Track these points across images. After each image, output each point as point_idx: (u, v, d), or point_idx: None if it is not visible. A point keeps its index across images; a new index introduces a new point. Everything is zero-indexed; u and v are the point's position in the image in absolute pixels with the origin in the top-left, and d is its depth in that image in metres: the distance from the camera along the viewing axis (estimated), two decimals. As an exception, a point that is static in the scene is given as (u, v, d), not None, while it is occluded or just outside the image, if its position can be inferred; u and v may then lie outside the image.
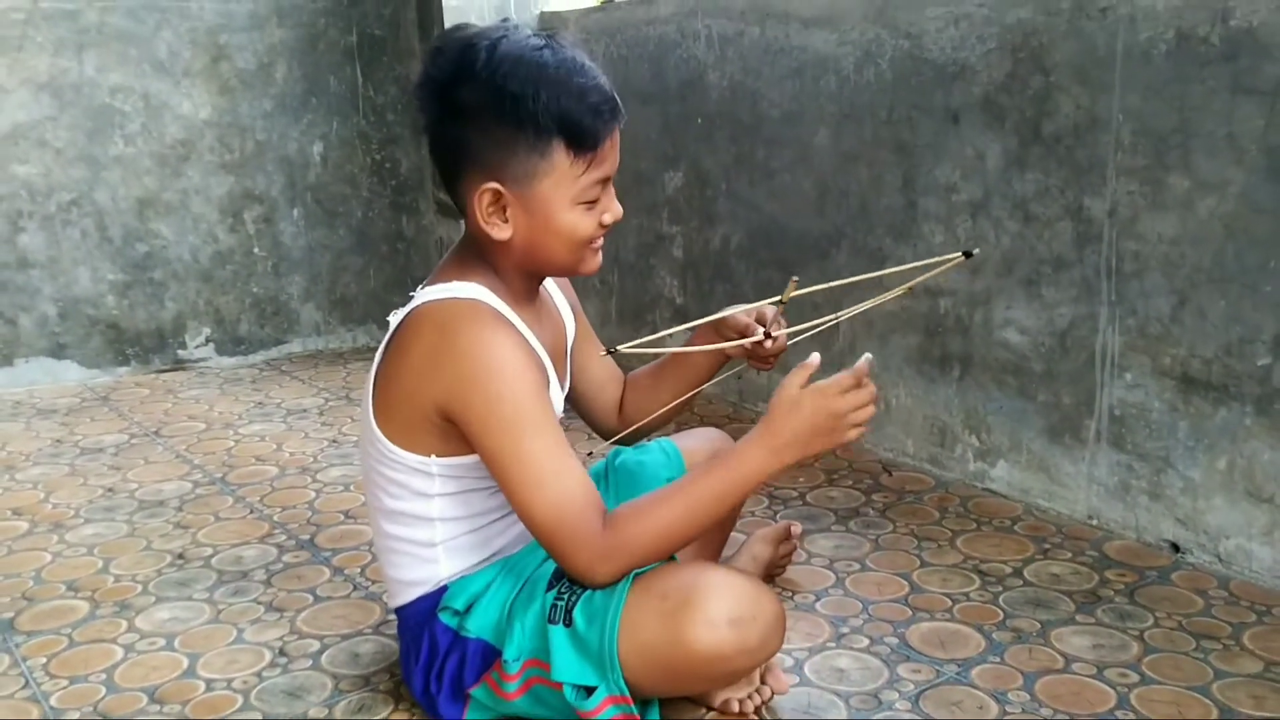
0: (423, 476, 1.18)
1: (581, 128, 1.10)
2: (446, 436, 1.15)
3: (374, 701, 1.28)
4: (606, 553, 1.10)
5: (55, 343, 2.81)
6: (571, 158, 1.11)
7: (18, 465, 2.18)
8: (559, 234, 1.15)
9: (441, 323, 1.13)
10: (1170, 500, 1.62)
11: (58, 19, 2.69)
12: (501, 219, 1.14)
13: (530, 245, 1.16)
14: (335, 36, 3.05)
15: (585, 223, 1.16)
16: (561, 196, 1.13)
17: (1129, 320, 1.63)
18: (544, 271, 1.22)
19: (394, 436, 1.17)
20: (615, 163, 1.16)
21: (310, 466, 2.13)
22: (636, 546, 1.11)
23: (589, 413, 1.45)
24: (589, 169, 1.13)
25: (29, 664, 1.40)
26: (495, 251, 1.18)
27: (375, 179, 3.16)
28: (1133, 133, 1.59)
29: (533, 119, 1.09)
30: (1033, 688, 1.27)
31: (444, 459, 1.17)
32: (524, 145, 1.10)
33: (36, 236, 2.75)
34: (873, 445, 2.10)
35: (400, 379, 1.16)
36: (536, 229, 1.15)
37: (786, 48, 2.15)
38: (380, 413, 1.18)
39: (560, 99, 1.09)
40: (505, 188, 1.12)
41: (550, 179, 1.12)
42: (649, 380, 1.44)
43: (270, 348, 3.08)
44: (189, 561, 1.70)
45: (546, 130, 1.10)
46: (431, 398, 1.12)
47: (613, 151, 1.15)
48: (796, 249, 2.20)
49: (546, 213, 1.14)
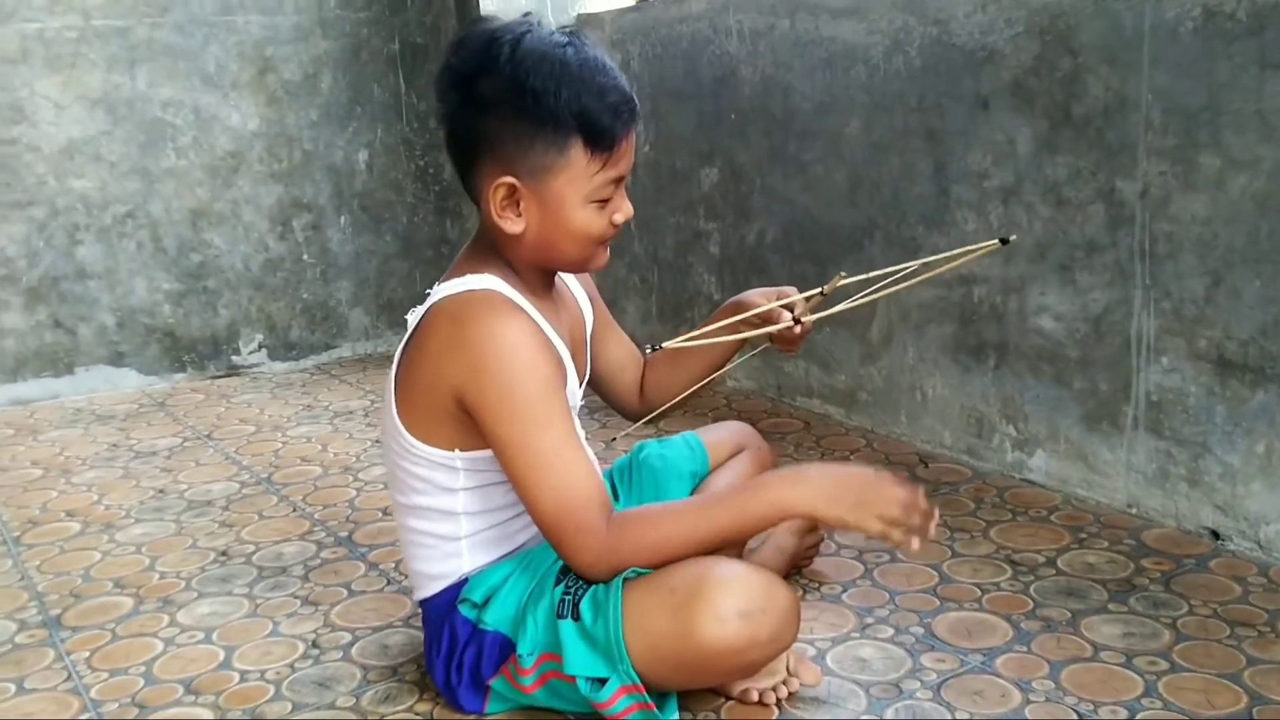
0: (446, 471, 1.20)
1: (600, 126, 1.12)
2: (467, 429, 1.16)
3: (400, 691, 1.31)
4: (608, 551, 1.11)
5: (114, 351, 2.89)
6: (589, 156, 1.13)
7: (74, 469, 2.25)
8: (570, 231, 1.16)
9: (456, 314, 1.15)
10: (1209, 486, 1.58)
11: (109, 36, 2.77)
12: (515, 213, 1.16)
13: (541, 241, 1.17)
14: (378, 45, 3.10)
15: (597, 221, 1.17)
16: (575, 194, 1.14)
17: (1163, 303, 1.60)
18: (552, 266, 1.24)
19: (417, 431, 1.19)
20: (630, 163, 1.17)
21: (353, 466, 2.17)
22: (639, 551, 1.12)
23: (610, 395, 1.46)
24: (604, 168, 1.14)
25: (72, 658, 1.44)
26: (507, 245, 1.20)
27: (419, 185, 3.21)
28: (1162, 112, 1.56)
29: (553, 115, 1.10)
30: (1058, 676, 1.25)
31: (467, 453, 1.18)
32: (542, 141, 1.12)
33: (94, 248, 2.83)
34: (909, 437, 2.08)
35: (419, 373, 1.18)
36: (548, 225, 1.16)
37: (817, 39, 2.14)
38: (402, 408, 1.20)
39: (581, 97, 1.10)
40: (520, 182, 1.14)
41: (565, 175, 1.13)
42: (668, 363, 1.44)
43: (320, 352, 3.14)
44: (231, 558, 1.74)
45: (566, 127, 1.11)
46: (449, 389, 1.14)
47: (628, 152, 1.16)
48: (830, 241, 2.19)
49: (559, 209, 1.15)
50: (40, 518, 1.98)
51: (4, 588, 1.68)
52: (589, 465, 1.14)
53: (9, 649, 1.48)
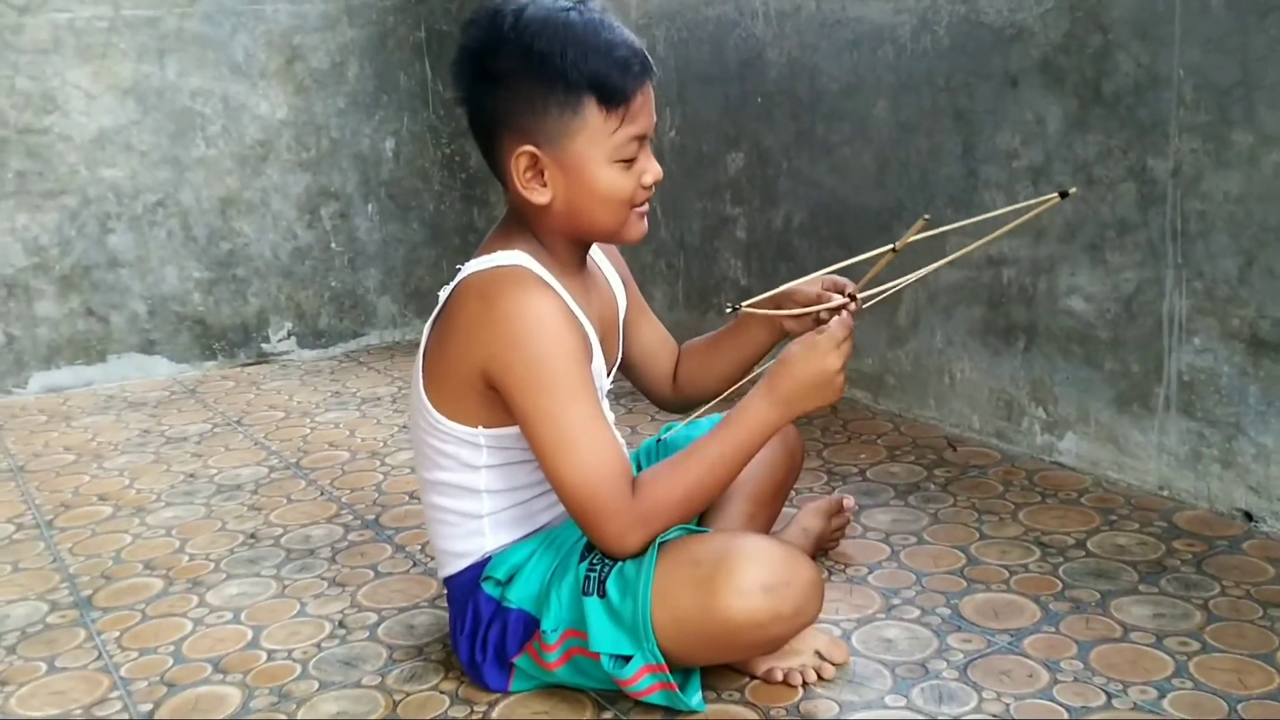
0: (470, 448, 1.20)
1: (611, 81, 1.11)
2: (492, 406, 1.16)
3: (425, 670, 1.31)
4: (635, 521, 1.12)
5: (145, 339, 2.92)
6: (604, 113, 1.12)
7: (106, 454, 2.27)
8: (597, 194, 1.15)
9: (484, 290, 1.15)
10: (1242, 468, 1.56)
11: (139, 26, 2.79)
12: (540, 183, 1.15)
13: (570, 208, 1.17)
14: (404, 33, 3.10)
15: (623, 181, 1.15)
16: (597, 154, 1.13)
17: (1195, 283, 1.58)
18: (587, 237, 1.22)
19: (442, 408, 1.19)
20: (650, 121, 1.16)
21: (380, 451, 2.18)
22: (662, 511, 1.13)
23: (641, 380, 1.45)
24: (622, 124, 1.13)
25: (103, 637, 1.46)
26: (537, 219, 1.19)
27: (446, 172, 3.22)
28: (1194, 88, 1.53)
29: (562, 76, 1.10)
30: (1087, 657, 1.24)
31: (491, 430, 1.18)
32: (555, 104, 1.11)
33: (125, 237, 2.86)
34: (938, 420, 2.07)
35: (446, 349, 1.18)
36: (575, 190, 1.15)
37: (843, 19, 2.12)
38: (429, 384, 1.20)
39: (588, 55, 1.10)
40: (540, 150, 1.13)
41: (584, 136, 1.12)
42: (703, 353, 1.43)
43: (349, 340, 3.16)
44: (260, 541, 1.75)
45: (577, 86, 1.10)
46: (475, 364, 1.14)
47: (645, 108, 1.15)
48: (857, 224, 2.18)
49: (583, 172, 1.14)
50: (73, 501, 2.00)
51: (37, 570, 1.70)
52: (614, 440, 1.14)
53: (41, 629, 1.50)
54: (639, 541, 1.12)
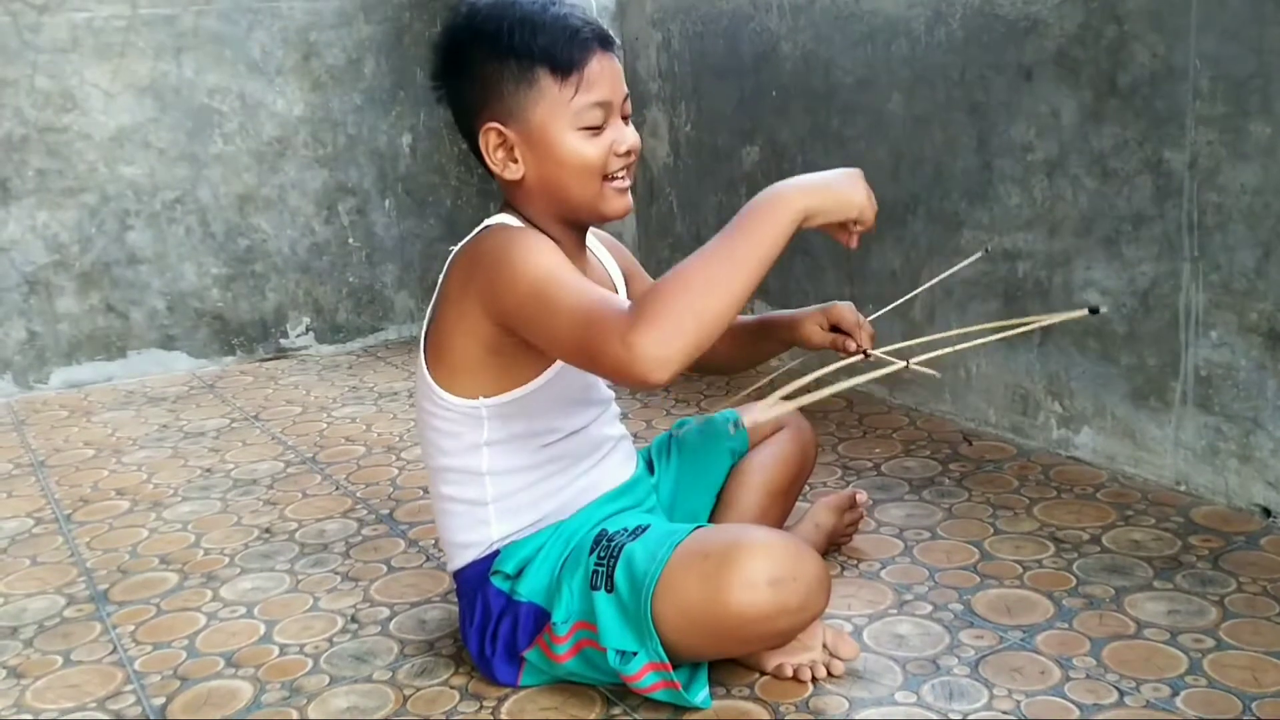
0: (473, 422, 1.20)
1: (558, 50, 1.13)
2: (492, 364, 1.17)
3: (436, 665, 1.31)
4: (634, 323, 0.99)
5: (165, 335, 2.94)
6: (559, 82, 1.13)
7: (125, 449, 2.29)
8: (565, 163, 1.16)
9: (473, 245, 1.18)
10: (1261, 463, 1.55)
11: (156, 24, 2.81)
12: (511, 159, 1.17)
13: (543, 181, 1.17)
14: (420, 29, 3.11)
15: (590, 149, 1.15)
16: (558, 123, 1.14)
17: (1212, 276, 1.56)
18: (567, 213, 1.21)
19: (444, 382, 1.20)
20: (614, 90, 1.16)
21: (395, 446, 2.19)
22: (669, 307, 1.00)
23: None
24: (579, 92, 1.14)
25: (118, 631, 1.47)
26: (520, 199, 1.21)
27: (463, 168, 3.22)
28: (1210, 79, 1.52)
29: (512, 51, 1.13)
30: (1100, 653, 1.23)
31: (492, 400, 1.19)
32: (510, 78, 1.14)
33: (144, 234, 2.88)
34: (954, 415, 2.06)
35: (444, 313, 1.19)
36: (543, 162, 1.16)
37: (857, 12, 2.11)
38: (431, 361, 1.22)
39: (535, 29, 1.13)
40: (505, 126, 1.15)
41: (542, 106, 1.14)
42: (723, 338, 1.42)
43: (367, 335, 3.17)
44: (274, 535, 1.76)
45: (527, 58, 1.13)
46: (471, 305, 1.14)
47: (605, 77, 1.15)
48: (873, 218, 2.16)
49: (547, 142, 1.15)
50: (91, 496, 2.02)
51: (55, 564, 1.72)
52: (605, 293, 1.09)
53: (58, 622, 1.51)
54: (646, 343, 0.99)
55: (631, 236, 2.99)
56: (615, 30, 2.87)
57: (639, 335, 0.99)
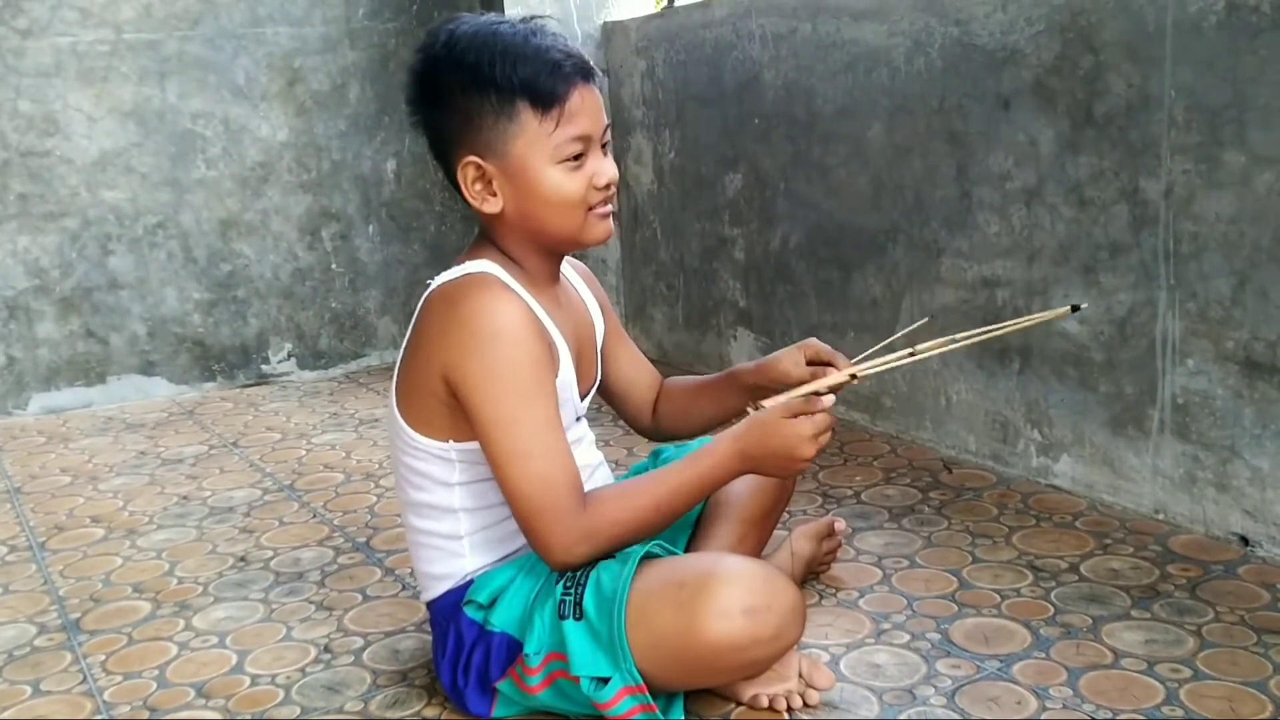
0: (443, 464, 1.20)
1: (540, 83, 1.12)
2: (457, 418, 1.16)
3: (409, 696, 1.30)
4: (581, 536, 1.12)
5: (145, 360, 2.92)
6: (539, 116, 1.13)
7: (101, 476, 2.27)
8: (544, 197, 1.16)
9: (449, 294, 1.16)
10: (1238, 491, 1.55)
11: (140, 49, 2.81)
12: (489, 192, 1.17)
13: (522, 215, 1.18)
14: (405, 56, 3.11)
15: (570, 183, 1.16)
16: (538, 156, 1.14)
17: (1189, 304, 1.57)
18: (547, 243, 1.21)
19: (413, 423, 1.20)
20: (595, 122, 1.16)
21: (374, 473, 2.17)
22: (609, 529, 1.14)
23: (622, 408, 1.45)
24: (559, 125, 1.14)
25: (88, 660, 1.45)
26: (499, 231, 1.21)
27: (447, 194, 3.22)
28: (1186, 109, 1.53)
29: (493, 83, 1.12)
30: (1077, 683, 1.22)
31: (461, 444, 1.18)
32: (490, 112, 1.13)
33: (125, 259, 2.87)
34: (934, 443, 2.05)
35: (414, 358, 1.19)
36: (523, 196, 1.16)
37: (838, 42, 2.13)
38: (401, 398, 1.21)
39: (516, 62, 1.12)
40: (484, 159, 1.15)
41: (522, 140, 1.14)
42: (683, 399, 1.44)
43: (349, 361, 3.16)
44: (249, 564, 1.75)
45: (508, 91, 1.12)
46: (439, 370, 1.14)
47: (586, 109, 1.15)
48: (854, 246, 2.17)
49: (527, 176, 1.15)
50: (66, 523, 2.00)
51: (27, 592, 1.70)
52: (567, 451, 1.14)
53: (28, 651, 1.49)
54: (582, 555, 1.14)
55: (615, 262, 2.99)
56: (599, 58, 2.88)
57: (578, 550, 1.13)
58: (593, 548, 1.13)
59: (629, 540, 1.15)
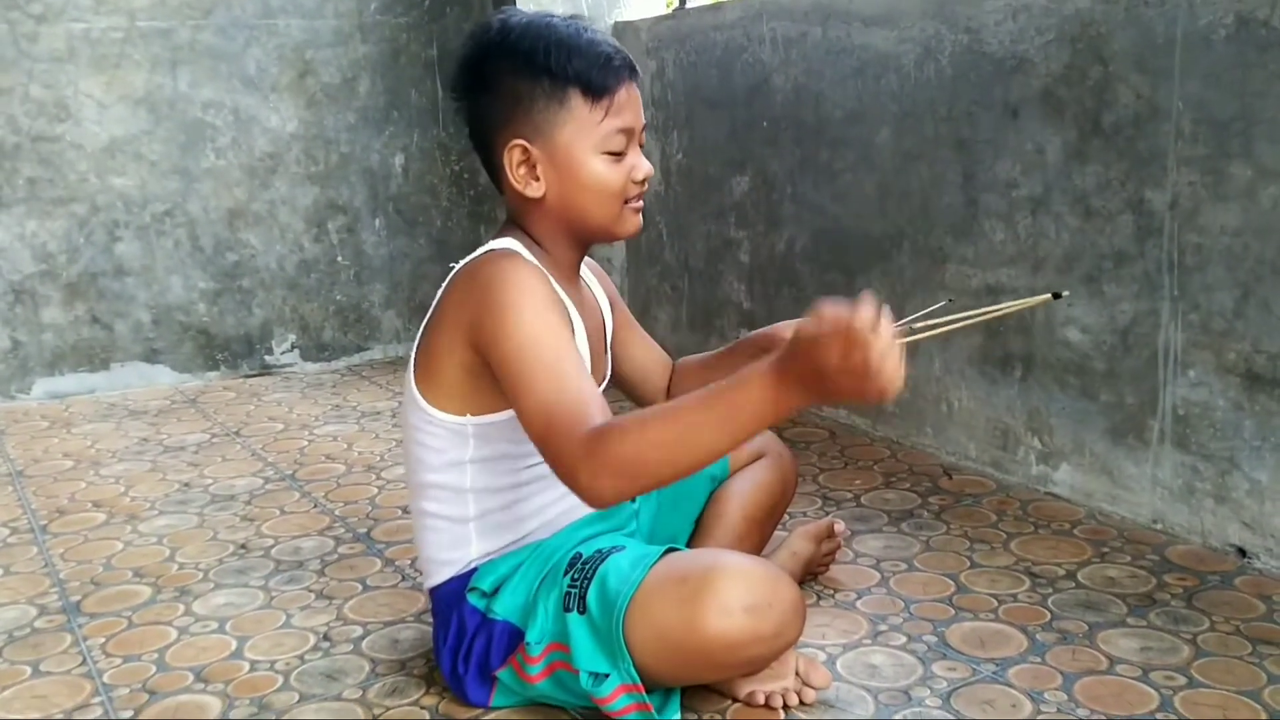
0: (458, 439, 1.21)
1: (594, 74, 1.15)
2: (478, 387, 1.17)
3: (407, 685, 1.31)
4: (588, 454, 1.00)
5: (149, 348, 2.93)
6: (589, 104, 1.16)
7: (104, 461, 2.28)
8: (587, 185, 1.18)
9: (474, 269, 1.18)
10: (1236, 503, 1.55)
11: (153, 37, 2.82)
12: (533, 176, 1.19)
13: (563, 201, 1.20)
14: (416, 50, 3.13)
15: (613, 174, 1.18)
16: (584, 144, 1.17)
17: (1191, 315, 1.57)
18: (582, 231, 1.23)
19: (431, 397, 1.21)
20: (637, 119, 1.19)
21: (376, 465, 2.18)
22: (625, 459, 0.99)
23: (637, 397, 1.46)
24: (607, 116, 1.16)
25: (88, 643, 1.46)
26: (534, 216, 1.22)
27: (454, 189, 3.23)
28: (1193, 121, 1.53)
29: (547, 70, 1.15)
30: (1071, 688, 1.23)
31: (479, 418, 1.19)
32: (542, 96, 1.16)
33: (132, 245, 2.88)
34: (935, 448, 2.06)
35: (436, 330, 1.20)
36: (566, 182, 1.18)
37: (849, 47, 2.13)
38: (420, 376, 1.22)
39: (570, 52, 1.15)
40: (531, 143, 1.17)
41: (571, 127, 1.16)
42: (696, 375, 1.43)
43: (353, 354, 3.17)
44: (250, 551, 1.75)
45: (561, 79, 1.15)
46: (462, 333, 1.16)
47: (630, 105, 1.18)
48: (859, 251, 2.18)
49: (572, 163, 1.17)
50: (68, 507, 2.00)
51: (28, 574, 1.70)
52: (586, 375, 1.10)
53: (28, 633, 1.50)
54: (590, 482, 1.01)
55: (620, 263, 3.00)
56: (609, 57, 2.89)
57: (590, 476, 1.00)
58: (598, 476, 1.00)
59: (647, 475, 1.01)
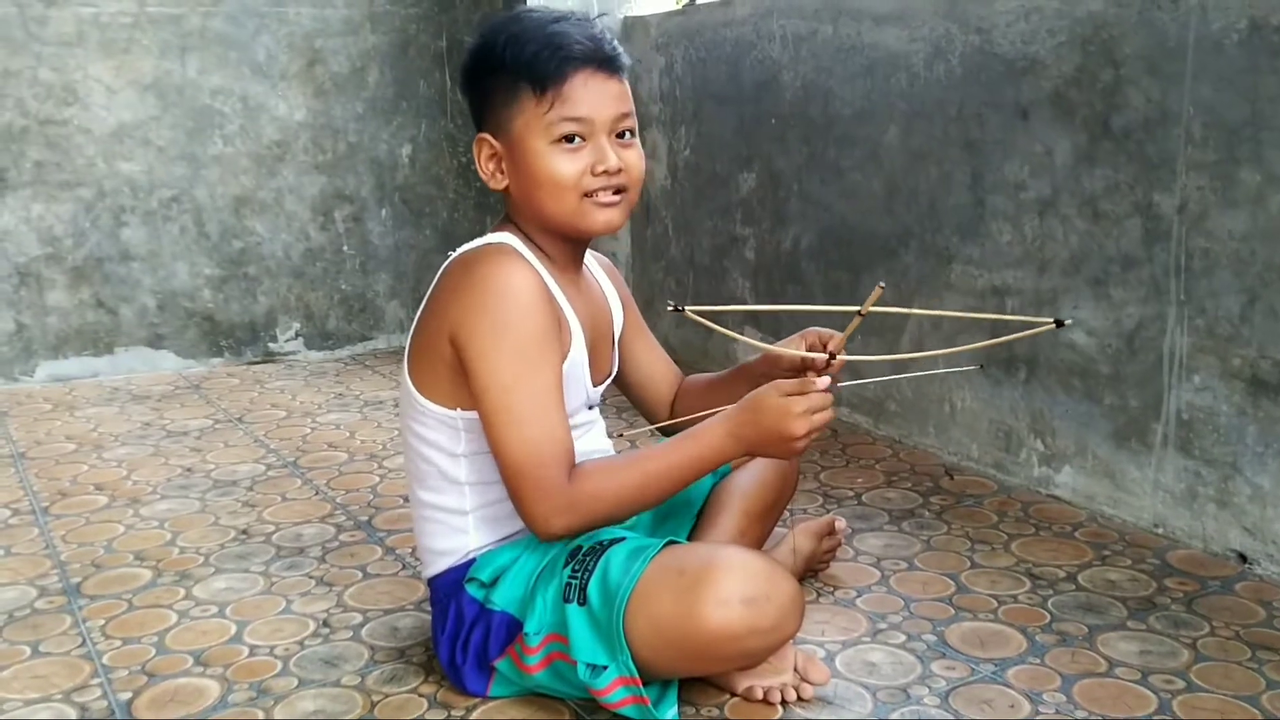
0: (450, 432, 1.21)
1: (539, 65, 1.15)
2: (464, 383, 1.18)
3: (405, 672, 1.31)
4: (565, 506, 1.13)
5: (154, 333, 2.93)
6: (536, 96, 1.16)
7: (106, 445, 2.28)
8: (536, 177, 1.18)
9: (466, 261, 1.19)
10: (1238, 508, 1.55)
11: (163, 23, 2.82)
12: (498, 170, 1.21)
13: (523, 194, 1.21)
14: (425, 41, 3.12)
15: (564, 165, 1.17)
16: (534, 136, 1.17)
17: (1197, 320, 1.57)
18: (547, 224, 1.22)
19: (424, 389, 1.22)
20: (599, 108, 1.17)
21: (378, 454, 2.18)
22: (594, 504, 1.14)
23: (640, 402, 1.47)
24: (554, 106, 1.16)
25: (88, 625, 1.46)
26: (513, 210, 1.25)
27: (461, 180, 3.23)
28: (1203, 126, 1.53)
29: (500, 65, 1.17)
30: (1070, 690, 1.23)
31: (467, 412, 1.20)
32: (500, 92, 1.18)
33: (138, 231, 2.88)
34: (937, 448, 2.06)
35: (426, 324, 1.21)
36: (520, 174, 1.20)
37: (858, 45, 2.13)
38: (413, 366, 1.23)
39: (523, 44, 1.16)
40: (495, 137, 1.20)
41: (521, 119, 1.17)
42: (698, 396, 1.43)
43: (356, 343, 3.17)
44: (251, 537, 1.76)
45: (512, 72, 1.17)
46: (447, 330, 1.16)
47: (589, 93, 1.16)
48: (865, 249, 2.18)
49: (524, 155, 1.18)
50: (70, 490, 2.01)
51: (29, 555, 1.71)
52: (563, 422, 1.16)
53: (28, 613, 1.50)
54: (563, 527, 1.14)
55: (625, 257, 3.00)
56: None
57: (560, 521, 1.14)
58: (573, 520, 1.14)
59: (613, 516, 1.17)
